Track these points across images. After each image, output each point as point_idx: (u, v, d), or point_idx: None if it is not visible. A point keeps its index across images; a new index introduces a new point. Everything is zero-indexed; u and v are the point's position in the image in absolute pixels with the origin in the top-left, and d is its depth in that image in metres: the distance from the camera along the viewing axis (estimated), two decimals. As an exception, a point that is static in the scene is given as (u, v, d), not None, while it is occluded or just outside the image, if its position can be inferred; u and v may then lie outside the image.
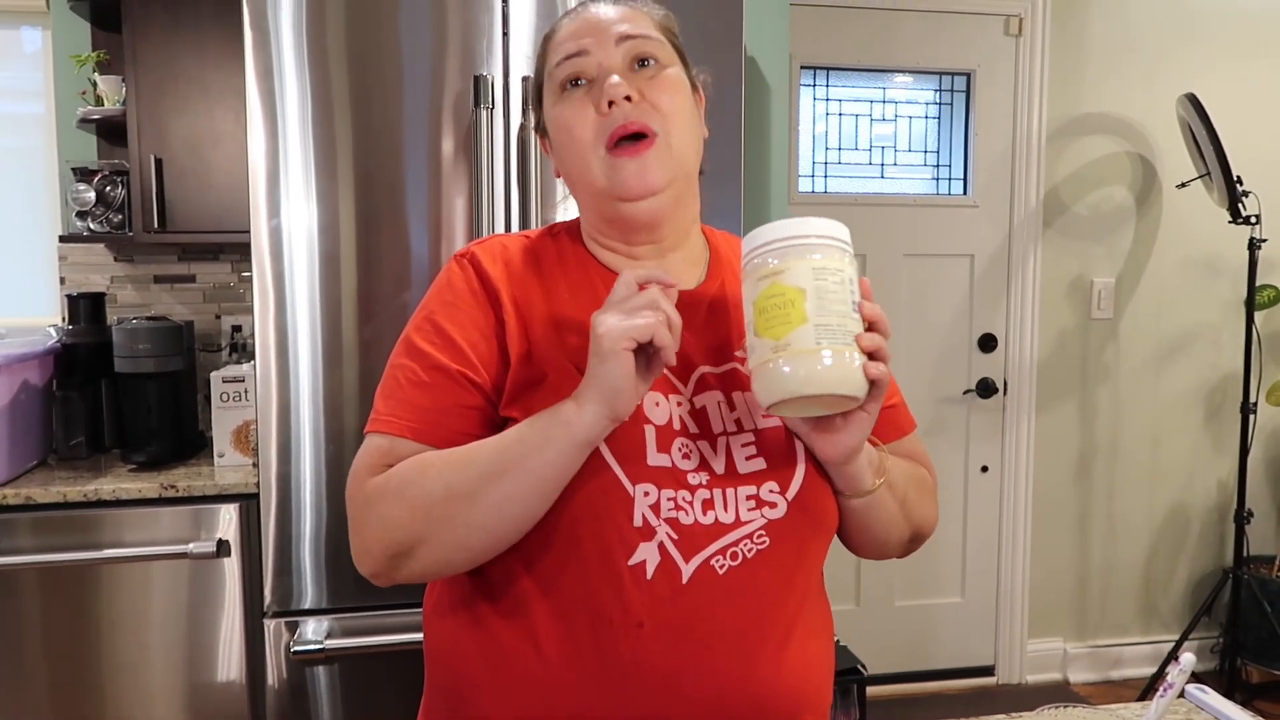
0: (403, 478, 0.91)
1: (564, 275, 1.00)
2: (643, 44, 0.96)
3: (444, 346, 0.96)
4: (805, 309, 0.83)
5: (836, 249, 0.86)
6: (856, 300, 0.86)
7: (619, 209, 0.97)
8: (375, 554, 0.93)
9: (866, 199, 3.16)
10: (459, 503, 0.89)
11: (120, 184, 2.44)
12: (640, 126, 0.94)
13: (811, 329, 0.83)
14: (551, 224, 1.07)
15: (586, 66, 0.96)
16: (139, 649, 2.10)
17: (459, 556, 0.92)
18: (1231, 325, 3.33)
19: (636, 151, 0.94)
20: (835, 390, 0.84)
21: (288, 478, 1.96)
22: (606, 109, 0.94)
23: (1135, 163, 3.27)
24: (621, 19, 0.97)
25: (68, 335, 2.41)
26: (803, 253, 0.85)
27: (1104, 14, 3.19)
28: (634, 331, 0.83)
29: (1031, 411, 3.26)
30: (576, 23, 0.98)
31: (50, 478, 2.17)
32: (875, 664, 3.12)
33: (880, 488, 0.99)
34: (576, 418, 0.86)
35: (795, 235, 0.85)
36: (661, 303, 0.85)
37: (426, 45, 1.97)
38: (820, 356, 0.83)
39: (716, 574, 0.92)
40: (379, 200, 1.97)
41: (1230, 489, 3.38)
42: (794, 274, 0.84)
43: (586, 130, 0.95)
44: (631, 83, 0.95)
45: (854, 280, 0.87)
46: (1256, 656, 3.14)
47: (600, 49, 0.95)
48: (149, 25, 2.30)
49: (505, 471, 0.88)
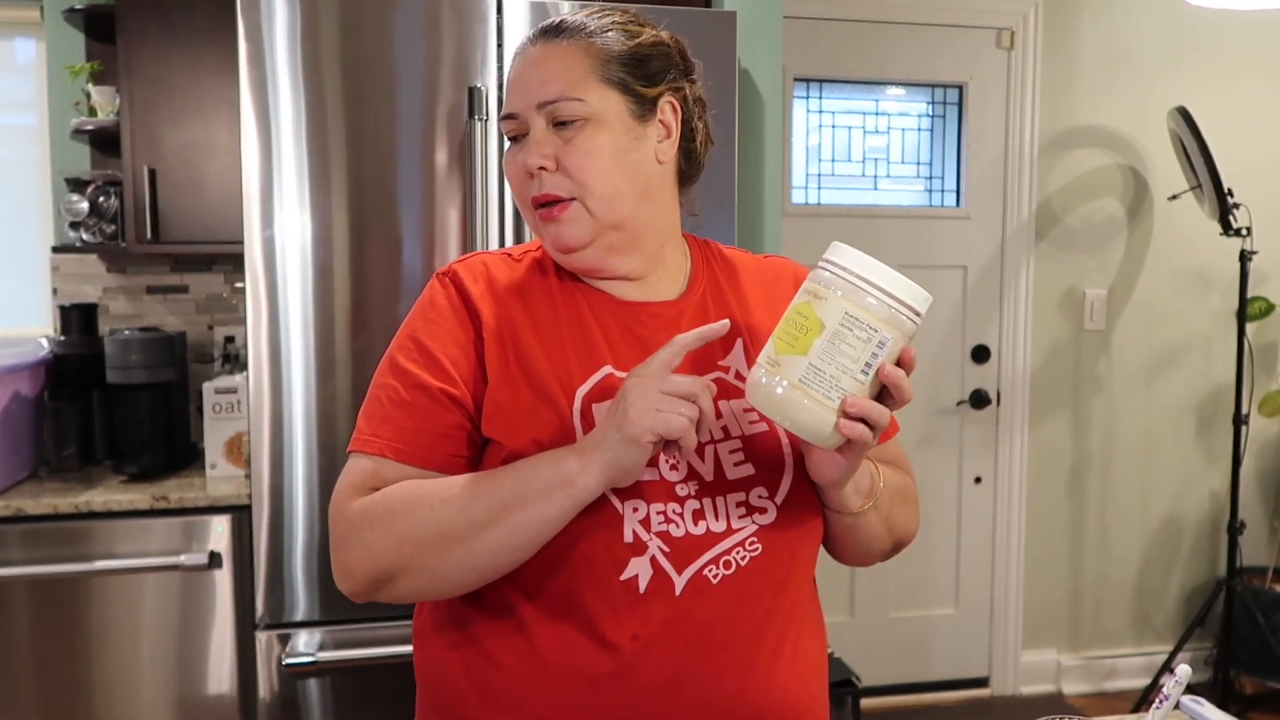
0: (389, 507, 0.91)
1: (545, 293, 1.00)
2: (560, 108, 0.95)
3: (426, 364, 0.96)
4: (813, 344, 0.84)
5: (889, 309, 0.83)
6: (873, 365, 0.84)
7: (560, 257, 1.00)
8: (356, 577, 0.93)
9: (859, 211, 3.17)
10: (450, 543, 0.89)
11: (113, 195, 2.44)
12: (552, 197, 0.96)
13: (805, 365, 0.84)
14: (534, 241, 1.07)
15: (519, 127, 0.98)
16: (130, 661, 2.09)
17: (443, 589, 0.94)
18: (1223, 337, 3.34)
19: (552, 216, 0.97)
20: (794, 430, 0.86)
21: (280, 489, 1.96)
22: (529, 177, 0.97)
23: (1127, 175, 3.28)
24: (546, 78, 0.96)
25: (59, 346, 2.40)
26: (851, 294, 0.83)
27: (1095, 27, 3.21)
28: (663, 429, 0.83)
29: (1025, 423, 3.27)
30: (515, 72, 0.99)
31: (41, 489, 2.16)
32: (869, 675, 3.11)
33: (867, 511, 0.99)
34: (580, 479, 0.86)
35: (858, 274, 0.84)
36: (701, 398, 0.85)
37: (420, 57, 1.97)
38: (797, 393, 0.84)
39: (710, 584, 0.92)
40: (373, 211, 1.97)
41: (1223, 500, 3.38)
42: (826, 307, 0.84)
43: (518, 189, 0.99)
44: (548, 147, 0.95)
45: (885, 345, 0.84)
46: (1250, 668, 3.14)
47: (526, 111, 0.97)
48: (143, 37, 2.30)
49: (501, 520, 0.88)
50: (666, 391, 0.84)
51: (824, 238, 3.35)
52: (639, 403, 0.84)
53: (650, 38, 1.01)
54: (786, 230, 2.93)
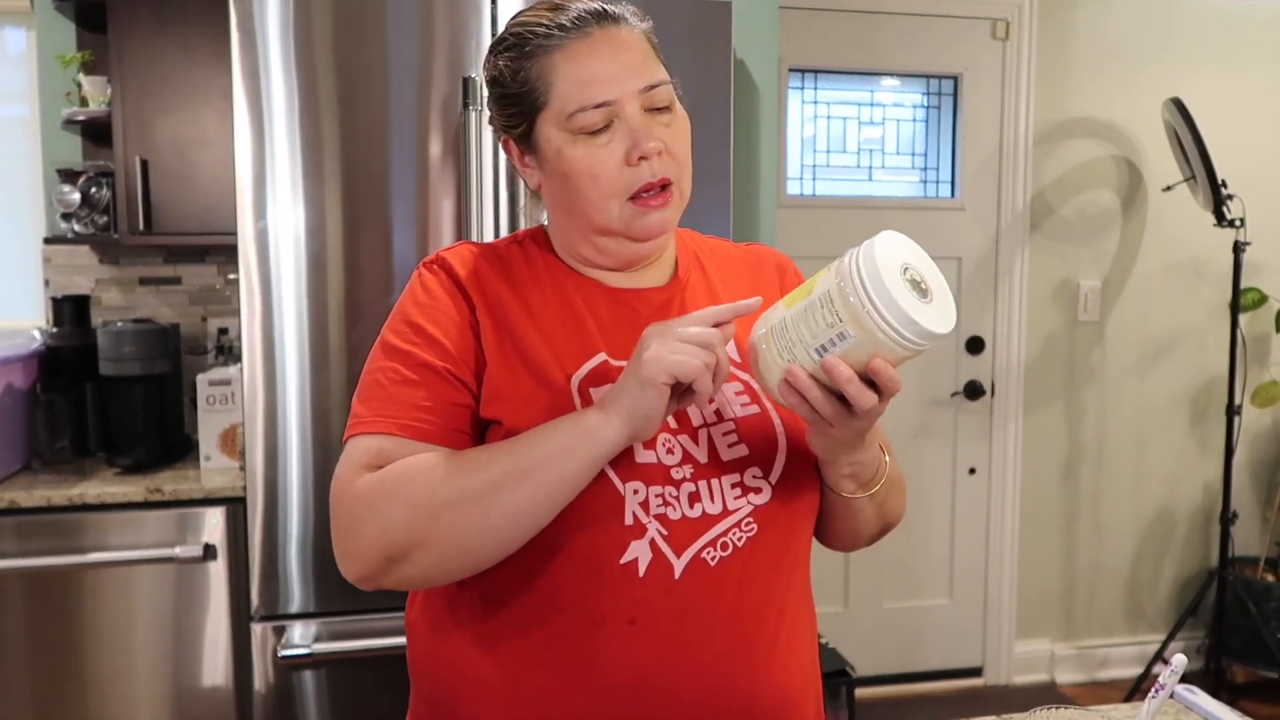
0: (401, 477, 0.89)
1: (535, 282, 1.00)
2: (662, 92, 0.95)
3: (427, 345, 0.95)
4: (796, 303, 0.86)
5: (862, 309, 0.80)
6: (828, 350, 0.82)
7: (625, 246, 0.98)
8: (368, 556, 0.89)
9: (854, 202, 3.17)
10: (469, 506, 0.87)
11: (105, 185, 2.42)
12: (666, 180, 0.95)
13: (781, 317, 0.86)
14: (515, 233, 1.06)
15: (608, 116, 0.93)
16: (124, 654, 2.08)
17: (457, 563, 0.90)
18: (1216, 328, 3.35)
19: (663, 203, 0.95)
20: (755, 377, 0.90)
21: (274, 481, 1.95)
22: (636, 162, 0.93)
23: (1121, 166, 3.28)
24: (639, 63, 0.94)
25: (52, 338, 2.39)
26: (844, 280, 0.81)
27: (1090, 18, 3.21)
28: (678, 369, 0.83)
29: (1019, 414, 3.28)
30: (591, 60, 0.93)
31: (34, 481, 2.15)
32: (863, 666, 3.12)
33: (859, 497, 0.99)
34: (601, 431, 0.86)
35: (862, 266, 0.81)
36: (717, 347, 0.85)
37: (414, 47, 1.96)
38: (762, 340, 0.87)
39: (708, 566, 0.92)
40: (366, 202, 1.96)
41: (1215, 491, 3.40)
42: (824, 279, 0.85)
43: (613, 179, 0.94)
44: (655, 131, 0.94)
45: (846, 340, 0.81)
46: (1242, 657, 3.16)
47: (625, 98, 0.93)
48: (135, 26, 2.29)
49: (523, 478, 0.86)
50: (683, 338, 0.85)
51: (819, 228, 3.34)
52: (655, 346, 0.85)
53: None
54: (781, 221, 2.92)
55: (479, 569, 0.91)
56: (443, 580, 0.94)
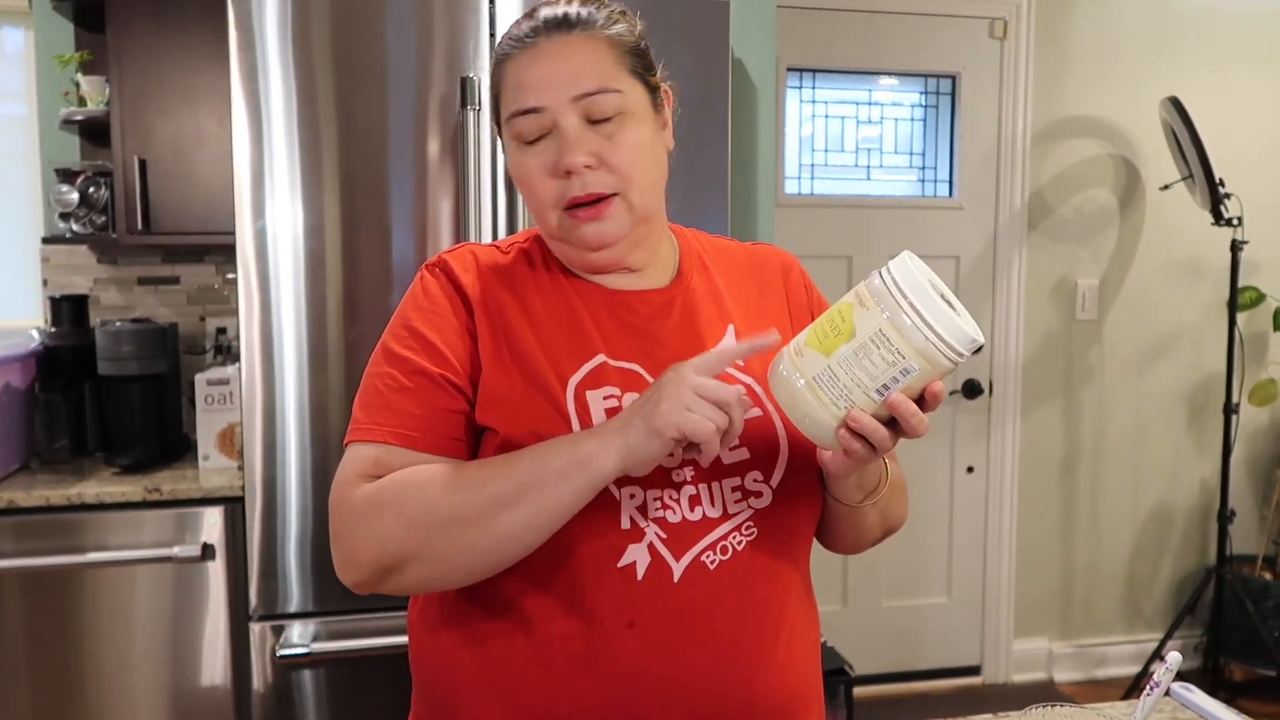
0: (398, 492, 0.90)
1: (535, 285, 1.00)
2: (600, 100, 0.92)
3: (424, 351, 0.95)
4: (838, 348, 0.83)
5: (925, 340, 0.80)
6: (891, 388, 0.82)
7: (579, 253, 0.98)
8: (363, 565, 0.91)
9: (852, 201, 3.17)
10: (464, 526, 0.87)
11: (104, 185, 2.42)
12: (597, 195, 0.93)
13: (824, 365, 0.83)
14: (521, 233, 1.06)
15: (543, 124, 0.93)
16: (123, 653, 2.09)
17: (452, 576, 0.91)
18: (1214, 326, 3.35)
19: (595, 215, 0.94)
20: (793, 419, 0.86)
21: (273, 480, 1.95)
22: (564, 175, 0.92)
23: (1119, 165, 3.29)
24: (577, 70, 0.92)
25: (50, 338, 2.39)
26: (894, 315, 0.81)
27: (1087, 18, 3.21)
28: (689, 429, 0.82)
29: (1017, 412, 3.28)
30: (531, 67, 0.93)
31: (33, 481, 2.15)
32: (862, 664, 3.13)
33: (865, 507, 0.99)
34: (598, 461, 0.85)
35: (909, 299, 0.80)
36: (734, 410, 0.84)
37: (412, 46, 1.96)
38: (805, 388, 0.84)
39: (708, 570, 0.92)
40: (365, 202, 1.96)
41: (1213, 489, 3.40)
42: (864, 316, 0.82)
43: (545, 190, 0.94)
44: (588, 144, 0.92)
45: (909, 375, 0.81)
46: (1239, 655, 3.16)
47: (557, 106, 0.92)
48: (133, 26, 2.29)
49: (518, 502, 0.87)
50: (702, 394, 0.83)
51: (817, 228, 3.35)
52: (672, 397, 0.83)
53: (642, 28, 1.00)
54: (779, 220, 2.93)
55: (475, 581, 0.92)
56: (438, 589, 0.96)
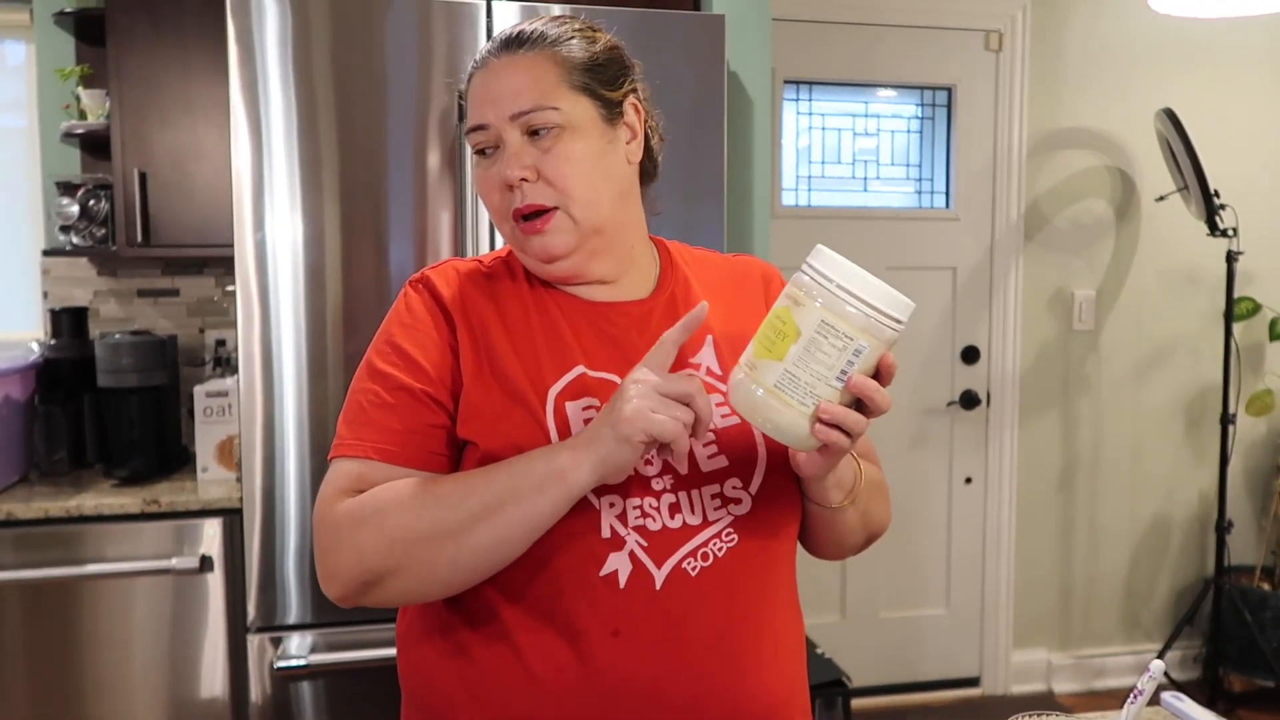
0: (379, 507, 0.91)
1: (517, 298, 1.01)
2: (536, 117, 0.95)
3: (406, 367, 0.97)
4: (788, 350, 0.84)
5: (866, 318, 0.83)
6: (849, 372, 0.84)
7: (536, 265, 1.00)
8: (344, 579, 0.93)
9: (849, 213, 3.18)
10: (442, 540, 0.89)
11: (104, 198, 2.43)
12: (536, 207, 0.96)
13: (780, 370, 0.84)
14: (504, 248, 1.07)
15: (489, 139, 0.97)
16: (121, 665, 2.09)
17: (433, 588, 0.93)
18: (1210, 337, 3.36)
19: (536, 229, 0.97)
20: (770, 432, 0.87)
21: (271, 492, 1.96)
22: (508, 189, 0.96)
23: (1114, 176, 3.30)
24: (518, 88, 0.96)
25: (50, 350, 2.40)
26: (830, 301, 0.83)
27: (1082, 30, 3.23)
28: (655, 430, 0.84)
29: (1014, 423, 3.29)
30: (484, 85, 0.98)
31: (32, 493, 2.15)
32: (860, 676, 3.12)
33: (846, 505, 1.00)
34: (571, 474, 0.87)
35: (837, 282, 0.83)
36: (697, 399, 0.85)
37: (411, 60, 1.97)
38: (772, 397, 0.85)
39: (689, 577, 0.93)
40: (364, 214, 1.97)
41: (1210, 499, 3.40)
42: (803, 313, 0.84)
43: (495, 201, 0.98)
44: (527, 158, 0.95)
45: (861, 354, 0.84)
46: (1238, 665, 3.16)
47: (499, 123, 0.96)
48: (133, 40, 2.30)
49: (494, 516, 0.88)
50: (663, 393, 0.85)
51: (814, 239, 3.37)
52: (634, 401, 0.84)
53: (607, 42, 1.02)
54: (776, 232, 2.94)
55: (456, 592, 0.94)
56: (420, 601, 0.98)
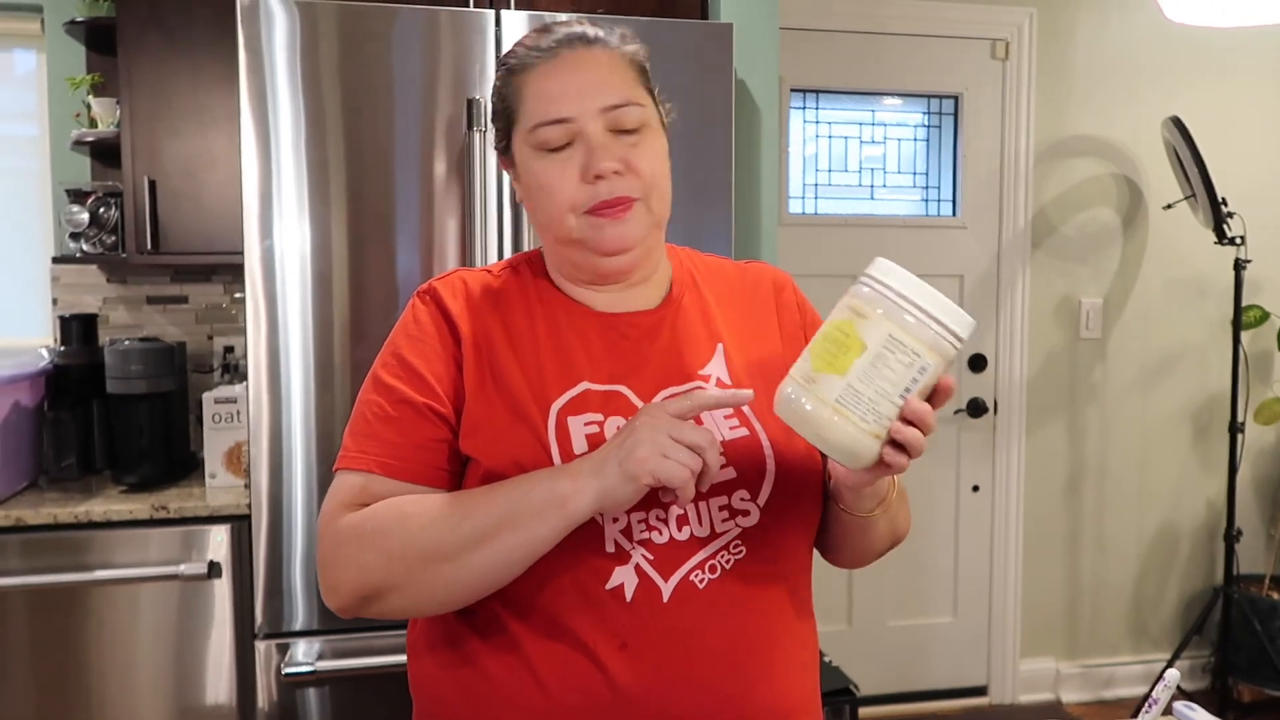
0: (379, 524, 0.92)
1: (525, 310, 1.01)
2: (627, 113, 0.96)
3: (409, 380, 0.97)
4: (852, 364, 0.82)
5: (932, 333, 0.81)
6: (912, 389, 0.82)
7: (593, 260, 0.98)
8: (344, 593, 0.93)
9: (856, 220, 3.19)
10: (440, 561, 0.89)
11: (114, 205, 2.45)
12: (625, 200, 0.95)
13: (843, 385, 0.82)
14: (513, 257, 1.08)
15: (570, 133, 0.95)
16: (129, 671, 2.09)
17: (431, 606, 0.94)
18: (1218, 345, 3.35)
19: (618, 215, 0.95)
20: (824, 448, 0.85)
21: (279, 498, 1.96)
22: (592, 179, 0.94)
23: (1121, 184, 3.30)
24: (604, 82, 0.96)
25: (60, 356, 2.41)
26: (896, 315, 0.81)
27: (1088, 38, 3.23)
28: (664, 475, 0.83)
29: (1021, 431, 3.28)
30: (556, 77, 0.96)
31: (41, 499, 2.16)
32: (867, 685, 3.11)
33: (877, 515, 1.00)
34: (573, 501, 0.87)
35: (904, 296, 0.81)
36: (708, 454, 0.85)
37: (419, 69, 1.98)
38: (831, 413, 0.82)
39: (697, 589, 0.93)
40: (371, 221, 1.98)
41: (1219, 508, 3.39)
42: (869, 326, 0.81)
43: (569, 194, 0.96)
44: (615, 150, 0.95)
45: (926, 372, 0.82)
46: (1248, 675, 3.14)
47: (585, 118, 0.95)
48: (144, 49, 2.32)
49: (493, 539, 0.88)
50: (677, 439, 0.84)
51: (821, 247, 3.36)
52: (647, 442, 0.84)
53: (646, 51, 1.03)
54: (783, 240, 2.94)
55: (455, 609, 0.95)
56: (420, 616, 0.99)
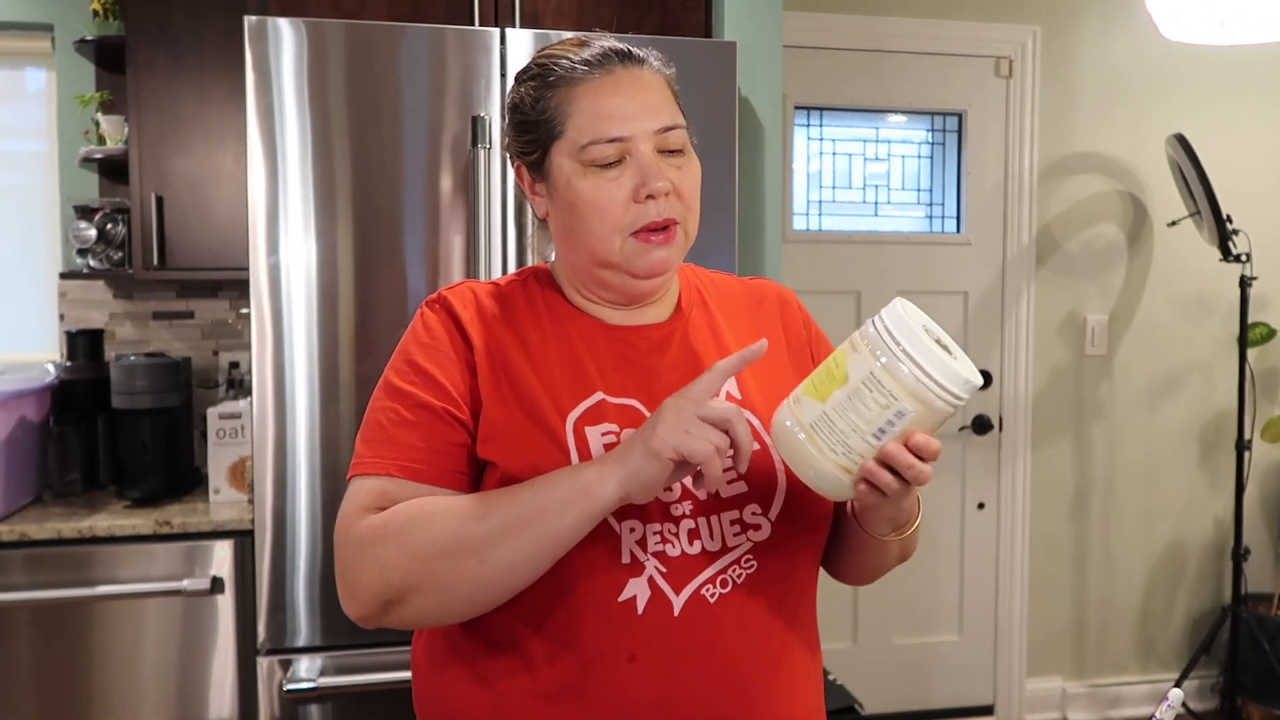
0: (402, 524, 0.90)
1: (534, 322, 1.01)
2: (675, 135, 0.97)
3: (426, 385, 0.97)
4: (832, 393, 0.83)
5: (918, 382, 0.80)
6: (889, 432, 0.82)
7: (626, 281, 0.99)
8: (366, 598, 0.92)
9: (860, 237, 3.19)
10: (465, 556, 0.88)
11: (121, 222, 2.46)
12: (672, 221, 0.96)
13: (819, 412, 0.84)
14: (520, 270, 1.08)
15: (622, 151, 0.95)
16: (132, 686, 2.08)
17: (454, 608, 0.92)
18: (1224, 362, 3.34)
19: (665, 240, 0.96)
20: (792, 467, 0.87)
21: (283, 514, 1.96)
22: (643, 199, 0.95)
23: (1126, 201, 3.30)
24: (656, 105, 0.96)
25: (66, 371, 2.41)
26: (884, 355, 0.81)
27: (1092, 56, 3.24)
28: (686, 449, 0.83)
29: (1027, 448, 3.27)
30: (613, 95, 0.96)
31: (45, 514, 2.16)
32: (872, 703, 3.09)
33: (892, 539, 0.99)
34: (598, 489, 0.85)
35: (898, 339, 0.81)
36: (736, 428, 0.84)
37: (425, 86, 2.00)
38: (803, 436, 0.85)
39: (708, 603, 0.93)
40: (377, 238, 1.99)
41: (1227, 526, 3.37)
42: (856, 360, 0.83)
43: (618, 214, 0.95)
44: (666, 172, 0.95)
45: (905, 416, 0.81)
46: (1256, 695, 3.11)
47: (639, 136, 0.95)
48: (152, 67, 2.34)
49: (518, 532, 0.87)
50: (701, 416, 0.84)
51: (825, 264, 3.36)
52: (670, 420, 0.84)
53: None
54: (788, 256, 2.94)
55: (477, 614, 0.93)
56: (441, 623, 0.96)
